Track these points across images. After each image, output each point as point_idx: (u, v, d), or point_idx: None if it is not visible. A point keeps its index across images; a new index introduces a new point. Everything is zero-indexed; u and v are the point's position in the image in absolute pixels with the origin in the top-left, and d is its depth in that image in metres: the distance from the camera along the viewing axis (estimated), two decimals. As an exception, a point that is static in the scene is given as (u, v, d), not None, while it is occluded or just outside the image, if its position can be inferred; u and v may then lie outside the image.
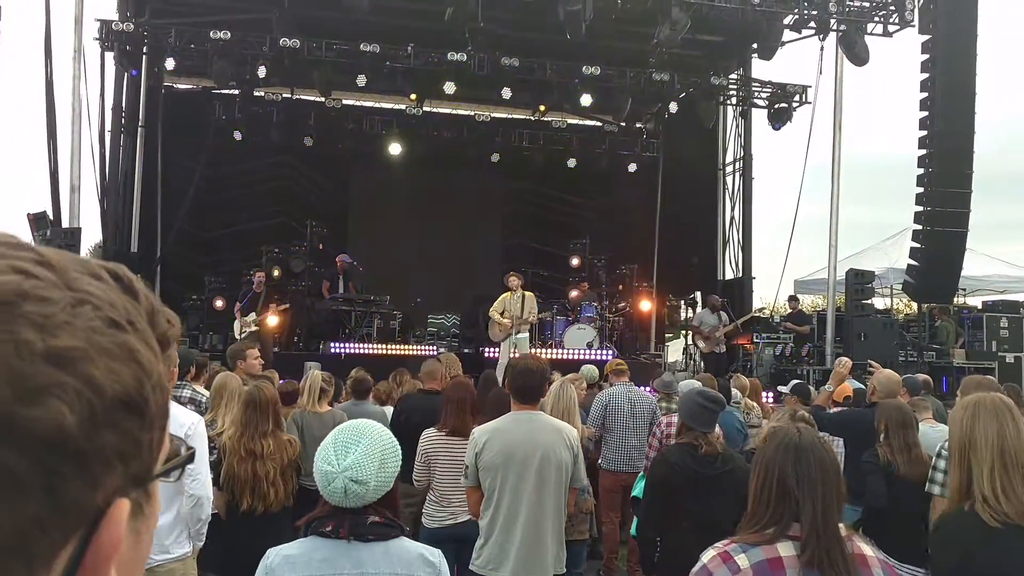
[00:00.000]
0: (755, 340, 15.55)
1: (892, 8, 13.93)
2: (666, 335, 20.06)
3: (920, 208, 14.16)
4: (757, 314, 16.60)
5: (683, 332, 18.41)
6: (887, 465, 4.84)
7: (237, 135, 16.99)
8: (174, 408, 4.21)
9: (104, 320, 0.60)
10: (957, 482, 2.65)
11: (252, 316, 13.03)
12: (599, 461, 7.36)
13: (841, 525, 2.27)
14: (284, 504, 4.76)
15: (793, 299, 16.66)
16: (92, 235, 19.77)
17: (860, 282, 14.08)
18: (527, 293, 12.46)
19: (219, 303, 15.87)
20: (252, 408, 4.78)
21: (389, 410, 7.15)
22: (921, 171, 14.15)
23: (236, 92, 16.65)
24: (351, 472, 2.24)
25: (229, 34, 13.86)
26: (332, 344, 14.31)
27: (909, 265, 14.46)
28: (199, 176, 16.23)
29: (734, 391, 8.54)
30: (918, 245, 14.22)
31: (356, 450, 2.27)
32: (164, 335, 0.66)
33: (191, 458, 0.73)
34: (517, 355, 11.91)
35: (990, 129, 15.55)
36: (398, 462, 2.38)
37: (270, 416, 4.70)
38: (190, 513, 4.12)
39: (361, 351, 14.04)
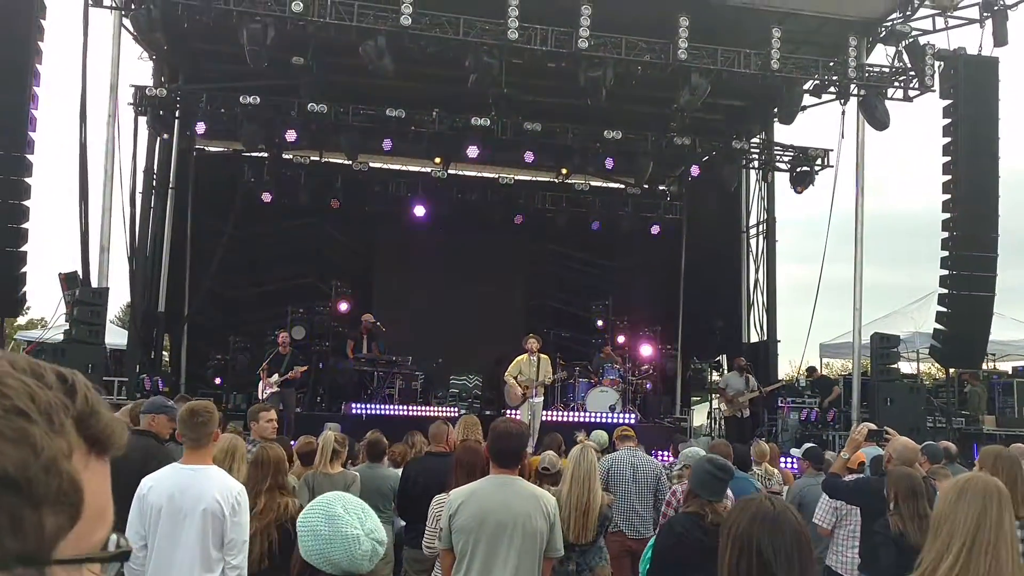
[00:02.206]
0: (779, 404, 15.36)
1: (912, 74, 14.00)
2: (692, 399, 19.87)
3: (945, 272, 14.03)
4: (784, 383, 16.39)
5: (709, 395, 18.24)
6: (899, 535, 4.73)
7: (266, 197, 17.30)
8: (224, 475, 4.22)
9: (8, 408, 0.68)
10: (932, 556, 2.59)
11: (275, 377, 13.09)
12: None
13: None
14: (260, 565, 4.53)
15: (811, 370, 16.55)
16: (121, 295, 20.11)
17: (885, 346, 13.91)
18: (543, 356, 12.43)
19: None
20: (254, 466, 4.78)
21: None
22: (946, 234, 14.06)
23: (265, 155, 17.03)
24: (375, 535, 2.25)
25: (258, 99, 14.25)
26: (353, 405, 14.33)
27: (936, 329, 14.26)
28: (227, 237, 16.52)
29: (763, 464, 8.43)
30: (944, 309, 14.04)
31: (369, 515, 2.29)
32: (96, 436, 0.72)
33: (117, 557, 0.77)
34: (533, 419, 11.89)
35: (1015, 190, 15.46)
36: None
37: (270, 474, 4.67)
38: None
39: (382, 412, 14.05)
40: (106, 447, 0.74)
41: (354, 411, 14.08)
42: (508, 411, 13.57)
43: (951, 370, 15.31)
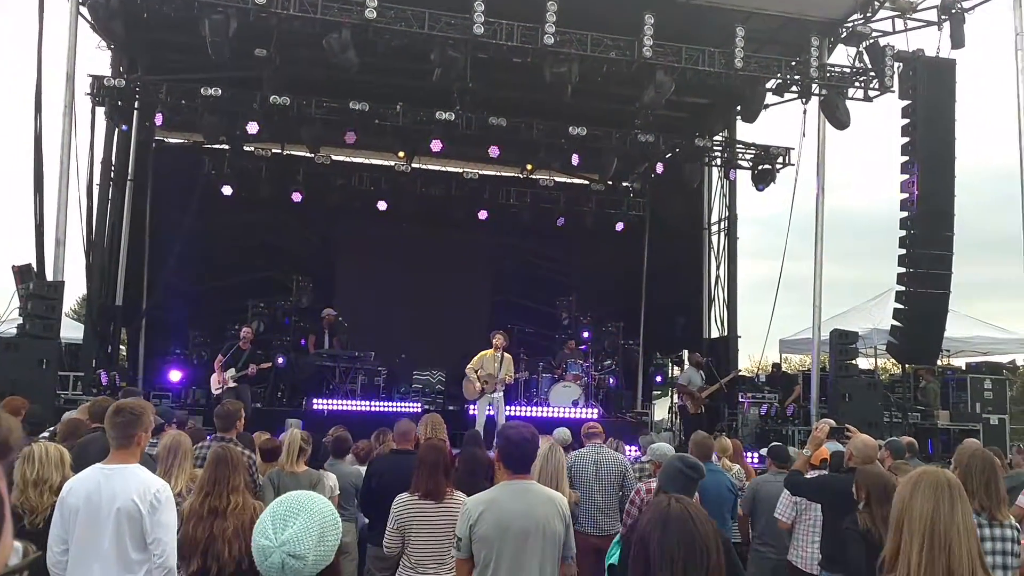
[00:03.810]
0: (739, 399, 15.54)
1: (872, 74, 14.21)
2: (653, 393, 20.02)
3: (903, 269, 14.30)
4: (742, 372, 16.56)
5: (670, 390, 18.39)
6: (866, 533, 4.81)
7: (226, 189, 17.07)
8: (144, 473, 4.13)
9: None
10: (890, 551, 2.64)
11: (232, 372, 12.92)
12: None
13: None
14: (241, 567, 4.53)
15: (776, 366, 16.79)
16: (77, 288, 19.72)
17: (844, 343, 14.12)
18: (507, 355, 12.47)
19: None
20: (223, 464, 4.65)
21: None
22: (903, 233, 14.33)
23: (226, 147, 16.79)
24: (288, 547, 2.15)
25: (220, 91, 14.02)
26: (315, 400, 14.20)
27: (893, 326, 14.54)
28: (187, 230, 16.26)
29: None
30: (901, 306, 14.31)
31: (295, 523, 2.18)
32: (4, 441, 0.69)
33: (37, 559, 0.74)
34: (494, 413, 11.91)
35: (969, 189, 15.84)
36: (338, 535, 2.29)
37: (240, 472, 4.58)
38: None
39: (344, 408, 13.95)
40: (8, 452, 0.71)
41: (316, 407, 13.97)
42: (468, 405, 13.57)
43: (907, 366, 15.59)
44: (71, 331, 15.90)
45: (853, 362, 14.31)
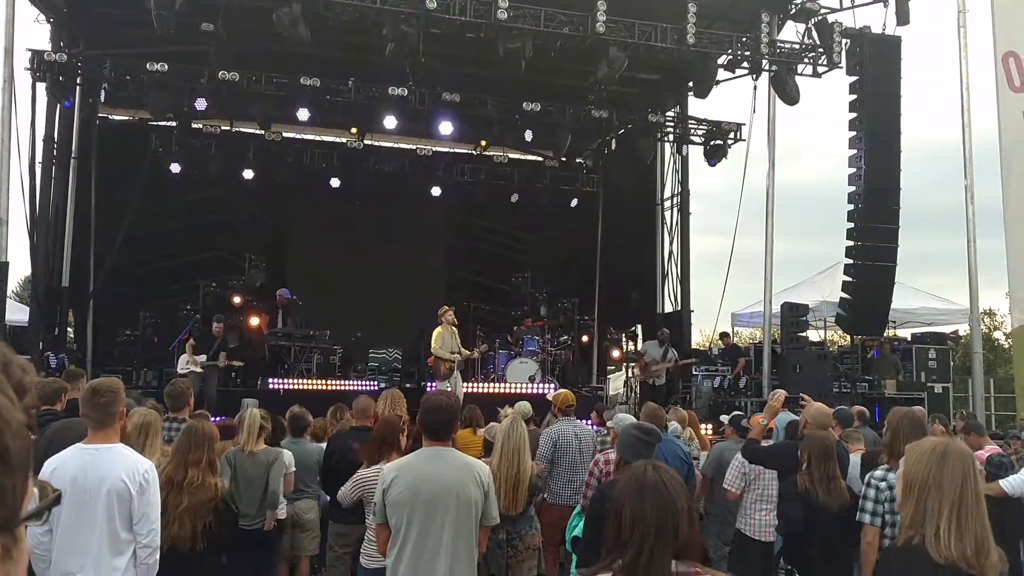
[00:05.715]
0: (694, 373, 15.76)
1: (820, 50, 14.37)
2: (608, 368, 20.21)
3: (851, 243, 14.58)
4: (696, 361, 16.65)
5: (625, 364, 18.57)
6: (806, 493, 4.97)
7: (174, 167, 16.74)
8: (130, 453, 4.09)
9: None
10: (911, 516, 2.74)
11: (203, 358, 12.72)
12: (544, 495, 7.33)
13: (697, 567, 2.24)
14: (192, 545, 4.54)
15: (724, 335, 17.00)
16: (22, 269, 19.22)
17: (795, 315, 14.38)
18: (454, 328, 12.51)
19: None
20: (188, 435, 4.64)
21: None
22: (851, 207, 14.60)
23: (173, 124, 16.45)
24: None
25: (166, 66, 13.72)
26: (271, 380, 14.05)
27: (842, 298, 14.84)
28: (134, 209, 15.93)
29: (673, 423, 8.64)
30: (849, 279, 14.61)
31: None
32: (19, 383, 0.69)
33: (57, 500, 0.75)
34: (451, 389, 11.94)
35: (914, 164, 16.17)
36: None
37: (205, 448, 4.56)
38: (144, 564, 3.99)
39: (300, 387, 13.82)
40: (24, 394, 0.71)
41: (271, 386, 13.82)
42: (429, 384, 13.54)
43: (855, 337, 15.93)
44: (16, 313, 15.52)
45: (803, 334, 14.59)
